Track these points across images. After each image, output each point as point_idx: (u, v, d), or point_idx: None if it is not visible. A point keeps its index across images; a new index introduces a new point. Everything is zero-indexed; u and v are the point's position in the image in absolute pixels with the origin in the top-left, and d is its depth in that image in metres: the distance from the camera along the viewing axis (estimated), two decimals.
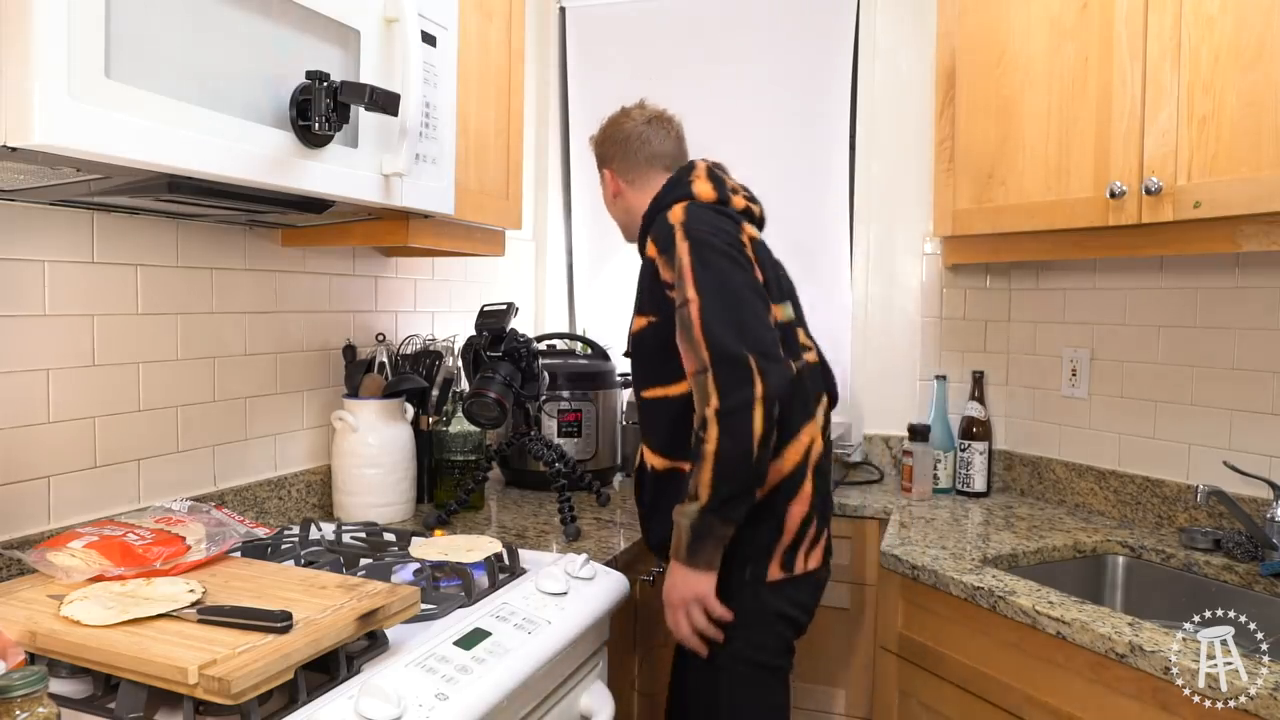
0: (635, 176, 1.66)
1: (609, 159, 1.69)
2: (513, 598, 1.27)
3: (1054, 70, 1.73)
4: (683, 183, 1.57)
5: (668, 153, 1.66)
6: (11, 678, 0.72)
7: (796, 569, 1.46)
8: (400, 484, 1.79)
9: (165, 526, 1.21)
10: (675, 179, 1.59)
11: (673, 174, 1.62)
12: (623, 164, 1.67)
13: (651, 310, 1.48)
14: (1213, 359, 1.79)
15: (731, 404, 1.30)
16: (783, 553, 1.44)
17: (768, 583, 1.44)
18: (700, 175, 1.57)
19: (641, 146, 1.65)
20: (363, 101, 1.10)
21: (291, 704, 0.93)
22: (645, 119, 1.67)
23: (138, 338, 1.43)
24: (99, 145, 0.87)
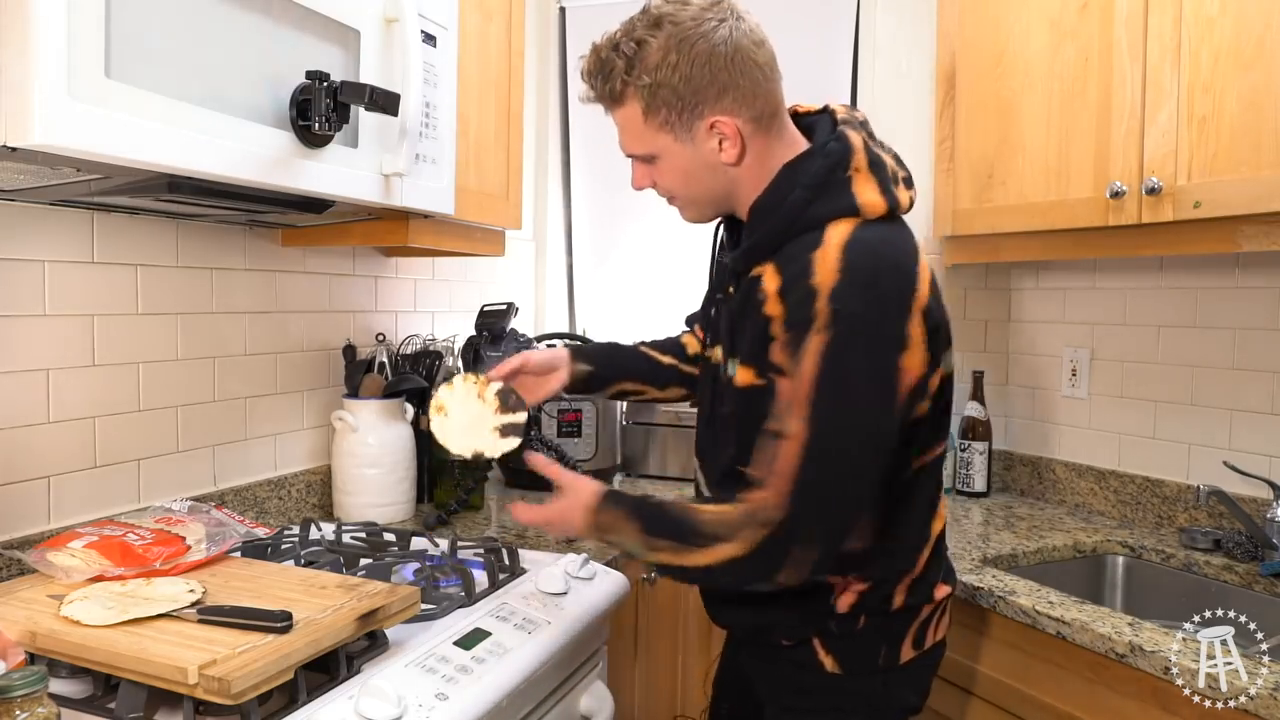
0: (761, 118, 1.10)
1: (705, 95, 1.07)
2: (513, 598, 1.27)
3: (1054, 71, 1.73)
4: (836, 181, 1.07)
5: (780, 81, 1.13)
6: (11, 678, 0.72)
7: (927, 643, 1.19)
8: (400, 484, 1.79)
9: (165, 526, 1.21)
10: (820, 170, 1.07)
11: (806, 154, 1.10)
12: (741, 100, 1.08)
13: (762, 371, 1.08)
14: (1213, 359, 1.79)
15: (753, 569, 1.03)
16: (917, 629, 1.17)
17: (900, 666, 1.16)
18: (861, 167, 1.08)
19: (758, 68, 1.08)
20: (363, 101, 1.10)
21: (291, 704, 0.93)
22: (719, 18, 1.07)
23: (138, 338, 1.43)
24: (99, 145, 0.87)
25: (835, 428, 0.99)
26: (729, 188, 1.14)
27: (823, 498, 1.00)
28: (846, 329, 0.98)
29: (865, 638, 1.15)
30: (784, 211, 1.08)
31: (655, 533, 1.08)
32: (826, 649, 1.15)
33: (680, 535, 1.05)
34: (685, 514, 1.06)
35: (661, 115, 1.09)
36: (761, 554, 1.00)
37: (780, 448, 0.99)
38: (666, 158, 1.13)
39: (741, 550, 1.01)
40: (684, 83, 1.06)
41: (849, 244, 1.02)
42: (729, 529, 1.02)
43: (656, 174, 1.16)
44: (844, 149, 1.08)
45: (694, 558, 1.04)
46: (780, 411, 1.01)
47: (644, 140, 1.13)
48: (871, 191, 1.07)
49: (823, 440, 0.98)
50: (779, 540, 0.99)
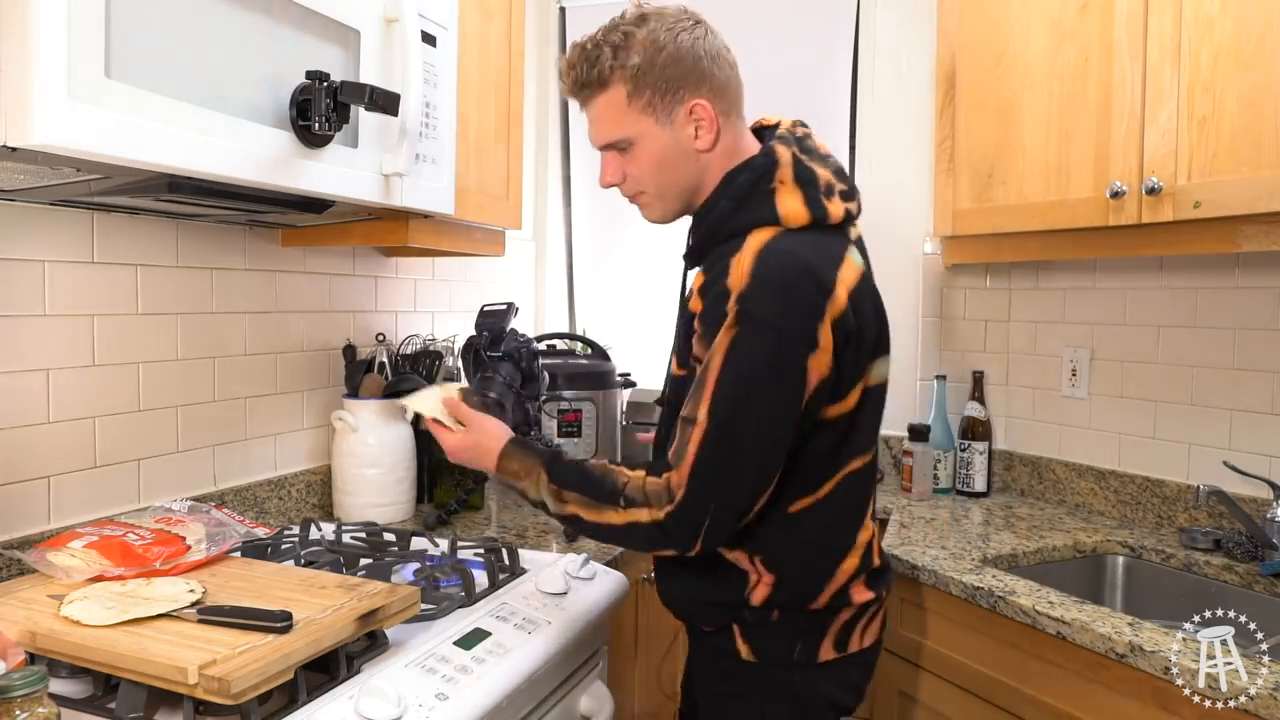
0: (729, 112, 1.18)
1: (688, 80, 1.14)
2: (513, 598, 1.27)
3: (1054, 71, 1.73)
4: (760, 193, 1.14)
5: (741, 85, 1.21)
6: (11, 678, 0.72)
7: (851, 647, 1.21)
8: (400, 484, 1.79)
9: (165, 526, 1.21)
10: (745, 183, 1.15)
11: (739, 167, 1.17)
12: (716, 90, 1.16)
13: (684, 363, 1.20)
14: (1213, 359, 1.79)
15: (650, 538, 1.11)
16: (838, 631, 1.20)
17: (818, 663, 1.20)
18: (786, 180, 1.14)
19: (730, 68, 1.18)
20: (363, 101, 1.10)
21: (291, 704, 0.93)
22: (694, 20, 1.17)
23: (138, 338, 1.43)
24: (99, 145, 0.87)
25: (731, 417, 1.07)
26: (698, 179, 1.20)
27: (718, 479, 1.07)
28: (750, 329, 1.06)
29: (780, 631, 1.19)
30: (711, 220, 1.18)
31: (567, 485, 1.15)
32: (743, 637, 1.20)
33: (597, 494, 1.13)
34: (607, 474, 1.14)
35: (646, 97, 1.14)
36: (660, 527, 1.09)
37: (689, 432, 1.08)
38: (644, 142, 1.17)
39: (647, 518, 1.09)
40: (669, 65, 1.13)
41: (763, 251, 1.09)
42: (644, 497, 1.10)
43: (630, 163, 1.20)
44: (769, 164, 1.16)
45: (609, 515, 1.12)
46: (691, 399, 1.10)
47: (625, 124, 1.16)
48: (795, 203, 1.14)
49: (721, 428, 1.07)
50: (682, 514, 1.08)
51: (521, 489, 1.19)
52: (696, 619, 1.26)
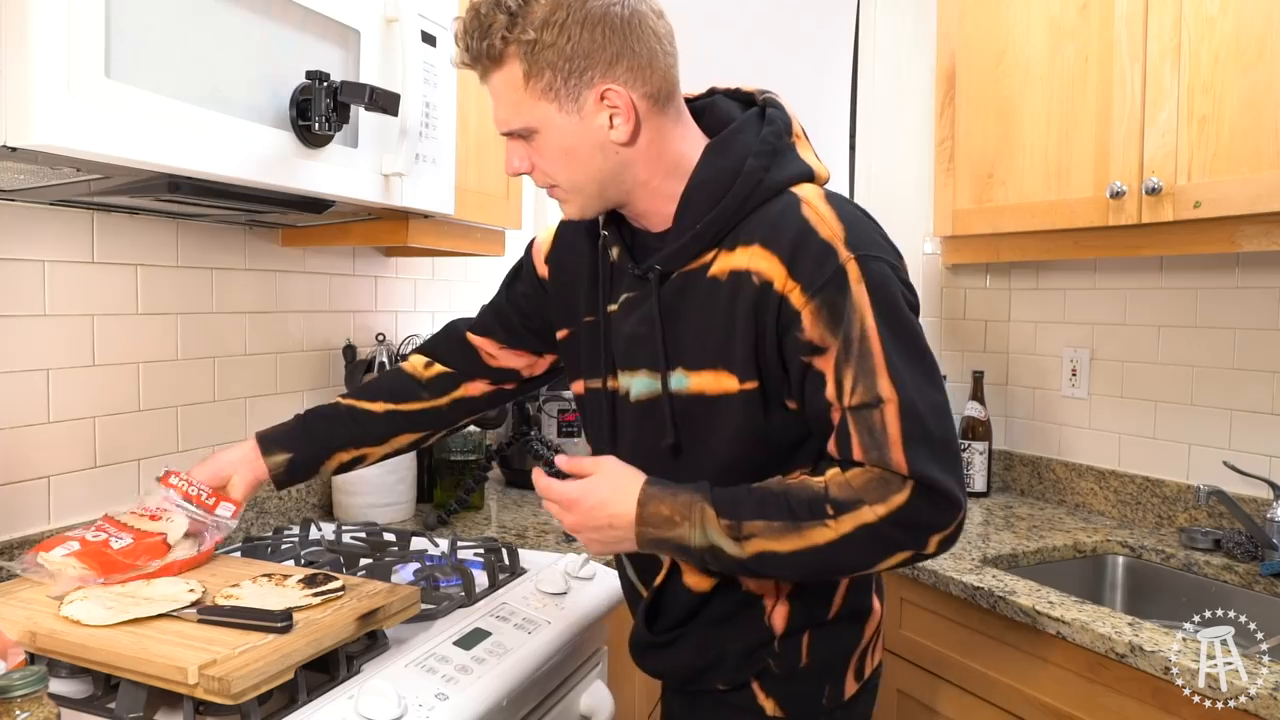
0: (658, 95, 0.96)
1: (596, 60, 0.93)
2: (513, 598, 1.27)
3: (1054, 70, 1.73)
4: (784, 147, 0.99)
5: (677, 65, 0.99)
6: (11, 678, 0.72)
7: (867, 672, 1.10)
8: (400, 484, 1.79)
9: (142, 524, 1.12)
10: (769, 136, 0.98)
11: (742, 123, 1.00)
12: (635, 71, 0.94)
13: (748, 369, 0.96)
14: (1213, 359, 1.79)
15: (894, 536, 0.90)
16: (858, 661, 1.08)
17: (845, 702, 1.07)
18: (800, 135, 1.02)
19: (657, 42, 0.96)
20: (363, 101, 1.10)
21: (291, 704, 0.93)
22: None
23: (138, 338, 1.43)
24: (99, 145, 0.87)
25: (920, 374, 0.92)
26: (619, 173, 0.98)
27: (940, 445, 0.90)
28: (879, 270, 0.92)
29: (809, 676, 1.05)
30: (739, 185, 0.96)
31: (741, 514, 0.91)
32: (767, 692, 1.05)
33: (791, 511, 0.90)
34: (792, 488, 0.92)
35: (545, 79, 0.94)
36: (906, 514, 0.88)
37: (881, 415, 0.89)
38: (547, 132, 0.97)
39: (882, 513, 0.88)
40: (572, 43, 0.92)
41: (829, 197, 0.96)
42: (859, 492, 0.89)
43: (535, 153, 0.99)
44: (785, 116, 1.02)
45: (818, 533, 0.89)
46: (861, 381, 0.90)
47: (522, 110, 0.96)
48: (814, 158, 1.02)
49: (915, 387, 0.90)
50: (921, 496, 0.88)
51: (678, 539, 0.93)
52: (710, 679, 1.07)
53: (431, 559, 1.39)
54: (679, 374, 1.00)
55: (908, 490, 0.88)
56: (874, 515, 0.88)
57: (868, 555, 0.91)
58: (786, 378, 0.95)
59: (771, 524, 0.90)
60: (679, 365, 1.00)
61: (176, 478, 1.16)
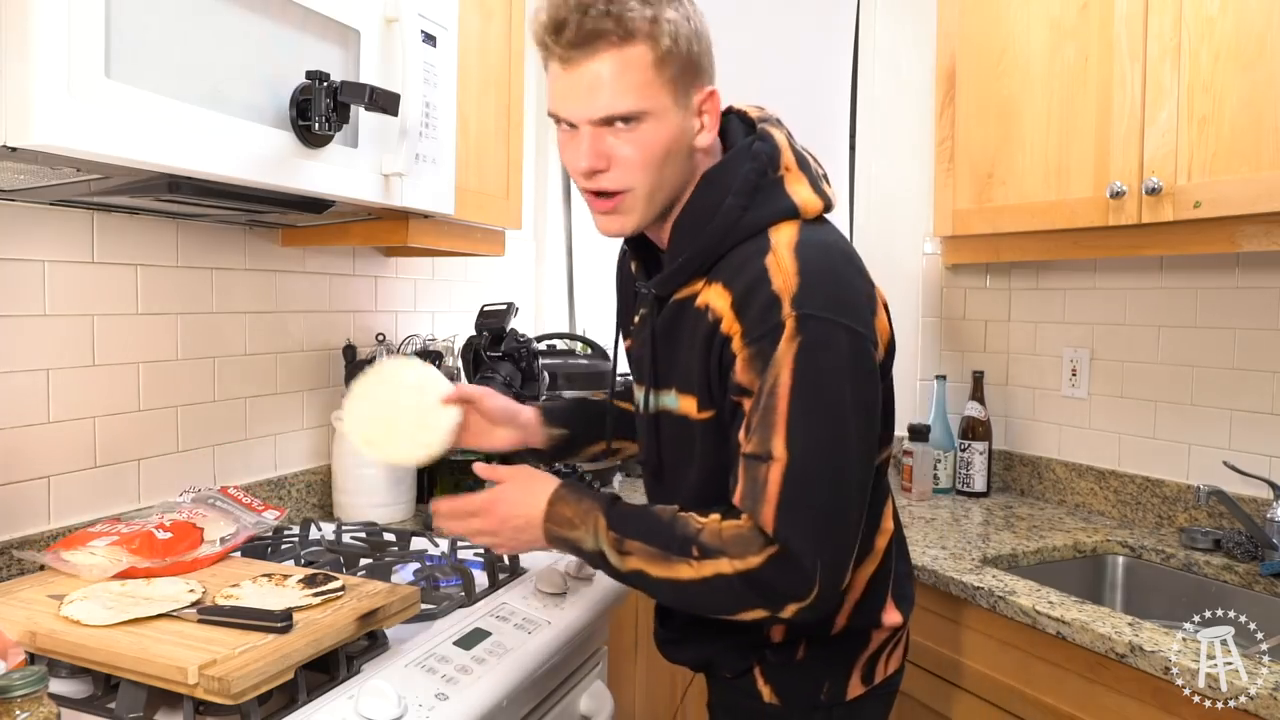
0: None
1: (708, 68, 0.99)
2: (513, 598, 1.27)
3: (1054, 70, 1.73)
4: (769, 184, 1.00)
5: None
6: (11, 678, 0.72)
7: (877, 678, 1.11)
8: (400, 484, 1.79)
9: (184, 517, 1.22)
10: (750, 174, 0.99)
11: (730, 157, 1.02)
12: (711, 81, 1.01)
13: (709, 401, 1.01)
14: (1213, 359, 1.79)
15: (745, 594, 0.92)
16: (865, 662, 1.10)
17: (848, 701, 1.09)
18: (791, 166, 1.01)
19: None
20: (363, 101, 1.10)
21: (291, 704, 0.93)
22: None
23: (138, 338, 1.43)
24: (99, 145, 0.87)
25: (820, 441, 0.90)
26: (684, 179, 1.02)
27: (817, 517, 0.90)
28: (817, 334, 0.91)
29: (805, 669, 1.07)
30: (717, 222, 0.99)
31: (628, 533, 0.97)
32: (765, 679, 1.09)
33: (665, 543, 0.95)
34: (676, 520, 0.96)
35: (672, 69, 0.94)
36: (758, 576, 0.91)
37: (766, 473, 0.90)
38: (657, 123, 0.96)
39: (737, 568, 0.91)
40: (697, 43, 0.95)
41: (800, 246, 0.95)
42: (724, 544, 0.92)
43: (627, 146, 0.97)
44: (772, 149, 1.02)
45: (681, 569, 0.93)
46: (758, 432, 0.92)
47: (644, 93, 0.94)
48: (805, 190, 1.01)
49: (808, 455, 0.90)
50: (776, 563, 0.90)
51: (575, 540, 1.00)
52: (716, 667, 1.14)
53: (431, 559, 1.39)
54: (671, 394, 1.05)
55: (765, 554, 0.90)
56: (730, 568, 0.91)
57: (723, 602, 0.95)
58: (731, 416, 0.98)
59: (647, 548, 0.96)
60: (671, 386, 1.05)
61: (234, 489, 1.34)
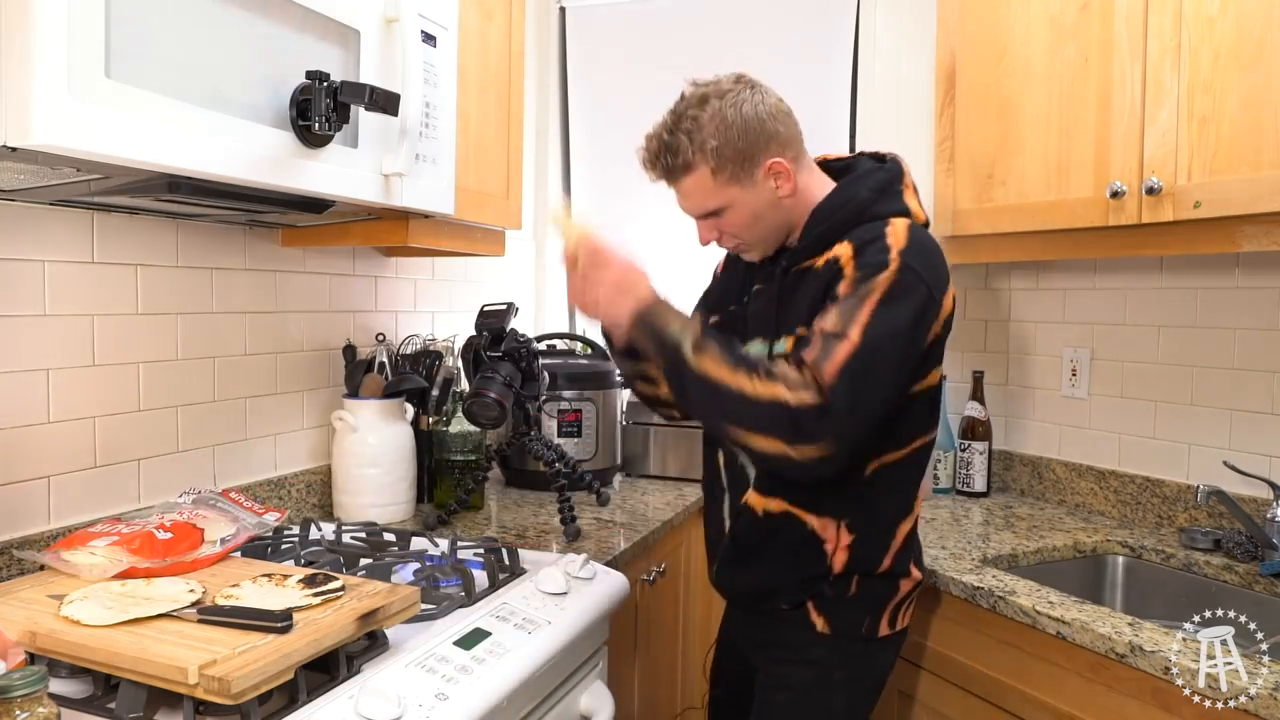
0: (800, 156, 1.32)
1: (760, 145, 1.27)
2: (513, 598, 1.27)
3: (1054, 70, 1.73)
4: (894, 191, 1.31)
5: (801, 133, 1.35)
6: (11, 678, 0.72)
7: (899, 624, 1.36)
8: (400, 484, 1.79)
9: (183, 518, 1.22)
10: (883, 180, 1.31)
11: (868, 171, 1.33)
12: (785, 143, 1.29)
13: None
14: (1213, 359, 1.79)
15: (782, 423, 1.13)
16: (894, 607, 1.34)
17: (879, 638, 1.34)
18: (910, 187, 1.34)
19: (788, 117, 1.31)
20: (363, 101, 1.10)
21: (291, 704, 0.93)
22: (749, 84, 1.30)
23: (138, 338, 1.43)
24: (99, 145, 0.87)
25: (880, 343, 1.15)
26: (787, 218, 1.32)
27: (862, 391, 1.14)
28: (909, 279, 1.18)
29: (855, 603, 1.31)
30: (852, 206, 1.29)
31: (712, 339, 1.20)
32: (819, 610, 1.32)
33: (737, 358, 1.18)
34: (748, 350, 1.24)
35: (729, 171, 1.27)
36: (801, 414, 1.13)
37: (837, 345, 1.14)
38: (736, 207, 1.30)
39: (789, 399, 1.13)
40: (741, 138, 1.26)
41: (912, 228, 1.25)
42: (785, 378, 1.15)
43: (724, 224, 1.32)
44: (899, 169, 1.35)
45: (743, 383, 1.15)
46: (842, 315, 1.17)
47: (715, 196, 1.29)
48: (916, 204, 1.33)
49: (869, 348, 1.14)
50: (819, 412, 1.12)
51: (663, 323, 1.21)
52: (775, 600, 1.34)
53: (431, 559, 1.39)
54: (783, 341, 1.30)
55: (815, 400, 1.12)
56: (784, 396, 1.13)
57: (758, 419, 1.15)
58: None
59: (722, 353, 1.18)
60: (786, 334, 1.30)
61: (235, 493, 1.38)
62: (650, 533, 1.74)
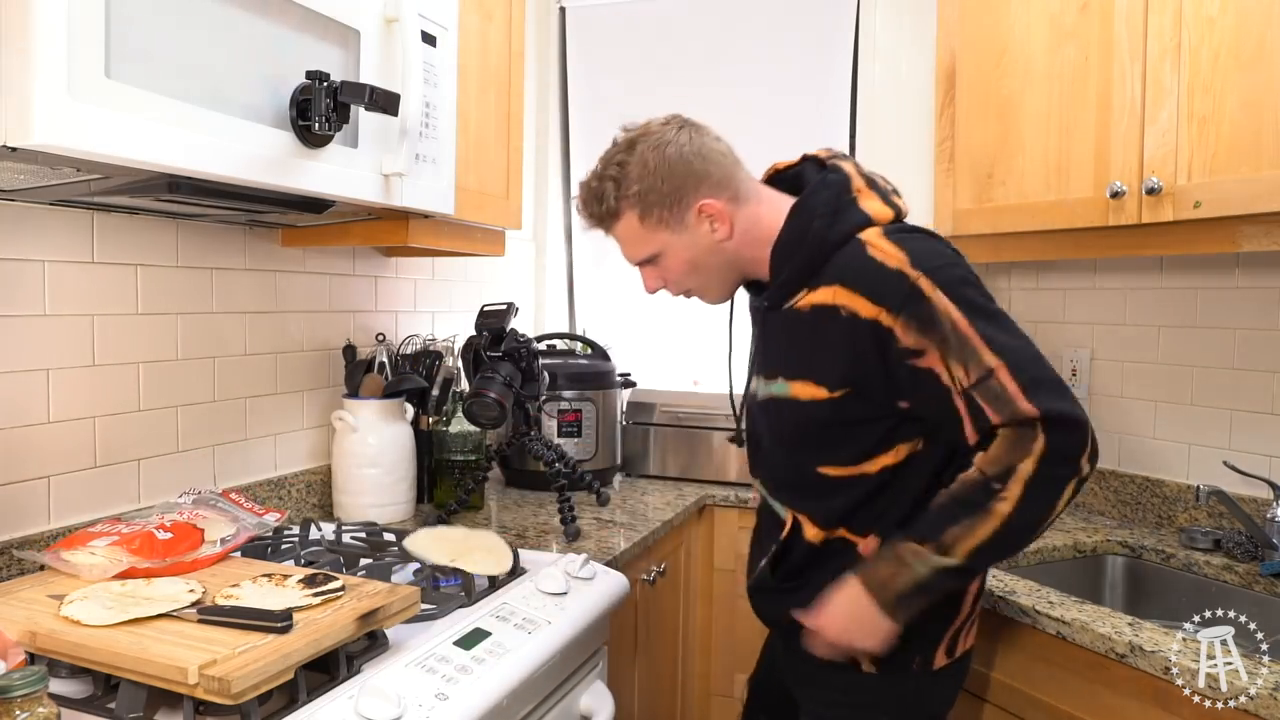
0: (739, 194, 1.24)
1: (688, 188, 1.21)
2: (513, 598, 1.27)
3: (1054, 70, 1.73)
4: (846, 203, 1.19)
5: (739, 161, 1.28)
6: (11, 678, 0.72)
7: (958, 651, 1.25)
8: (400, 484, 1.79)
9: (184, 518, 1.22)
10: (829, 198, 1.20)
11: (812, 192, 1.22)
12: (718, 184, 1.22)
13: (845, 383, 1.16)
14: (1213, 359, 1.79)
15: (1054, 474, 1.06)
16: (951, 635, 1.23)
17: (933, 671, 1.22)
18: (862, 188, 1.21)
19: (722, 156, 1.24)
20: (363, 101, 1.10)
21: (291, 704, 0.93)
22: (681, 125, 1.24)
23: (138, 338, 1.43)
24: (99, 145, 0.87)
25: (1005, 335, 1.10)
26: (733, 260, 1.26)
27: (1050, 383, 1.08)
28: (944, 274, 1.11)
29: (902, 644, 1.17)
30: (810, 240, 1.19)
31: (937, 533, 1.09)
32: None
33: (968, 507, 1.09)
34: (952, 494, 1.11)
35: (655, 215, 1.22)
36: (1051, 451, 1.06)
37: (997, 381, 1.07)
38: (670, 253, 1.25)
39: (1034, 462, 1.05)
40: (665, 182, 1.20)
41: (888, 233, 1.16)
42: (1007, 458, 1.07)
43: (664, 272, 1.28)
44: (842, 177, 1.22)
45: (1000, 508, 1.07)
46: (967, 363, 1.08)
47: (646, 242, 1.25)
48: (876, 204, 1.21)
49: (1011, 350, 1.08)
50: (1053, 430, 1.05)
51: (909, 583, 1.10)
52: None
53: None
54: (778, 383, 1.24)
55: (1041, 435, 1.05)
56: (1029, 468, 1.06)
57: (1045, 501, 1.08)
58: (888, 383, 1.14)
59: (960, 525, 1.08)
60: (779, 375, 1.24)
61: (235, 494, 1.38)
62: (650, 533, 1.75)
